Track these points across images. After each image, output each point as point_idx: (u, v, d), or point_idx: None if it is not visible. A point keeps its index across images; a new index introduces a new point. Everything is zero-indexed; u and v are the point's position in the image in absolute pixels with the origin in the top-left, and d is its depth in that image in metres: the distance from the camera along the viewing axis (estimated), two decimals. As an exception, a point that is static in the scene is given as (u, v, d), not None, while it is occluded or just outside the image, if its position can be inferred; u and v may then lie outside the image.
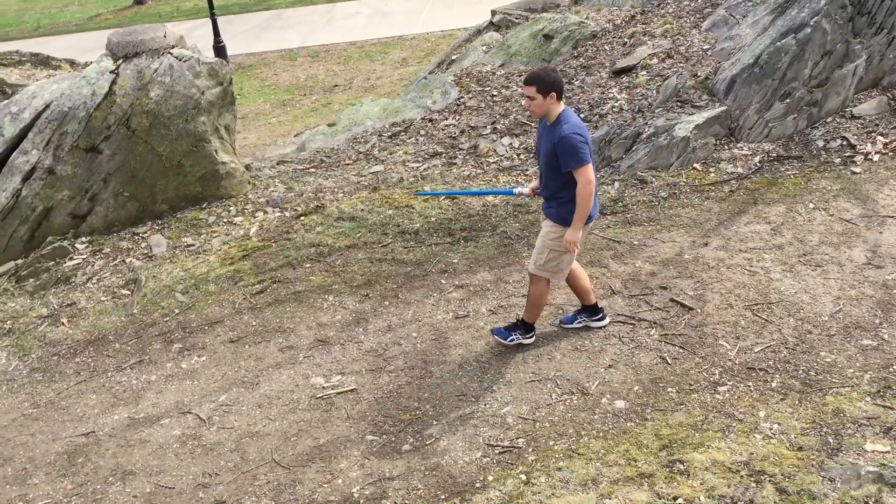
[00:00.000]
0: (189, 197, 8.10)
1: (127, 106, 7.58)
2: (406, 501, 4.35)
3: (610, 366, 5.27)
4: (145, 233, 7.80)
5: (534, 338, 5.58)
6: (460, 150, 8.82)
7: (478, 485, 4.37)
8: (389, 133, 9.53)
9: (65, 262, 7.39)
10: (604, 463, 4.34)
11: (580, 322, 5.68)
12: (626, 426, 4.70)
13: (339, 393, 5.37)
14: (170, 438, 5.15)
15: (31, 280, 7.24)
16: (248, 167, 8.92)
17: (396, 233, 7.36)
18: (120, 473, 4.87)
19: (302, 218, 7.76)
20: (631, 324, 5.69)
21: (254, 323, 6.35)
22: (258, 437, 5.05)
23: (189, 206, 8.13)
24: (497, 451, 4.62)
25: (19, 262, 7.46)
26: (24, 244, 7.53)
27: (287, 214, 7.91)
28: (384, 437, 4.89)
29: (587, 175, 4.84)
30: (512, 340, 5.51)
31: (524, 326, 5.52)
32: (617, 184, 7.69)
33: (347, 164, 8.99)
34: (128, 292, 7.01)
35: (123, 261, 7.43)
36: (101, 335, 6.50)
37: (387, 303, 6.38)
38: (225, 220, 7.96)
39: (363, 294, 6.54)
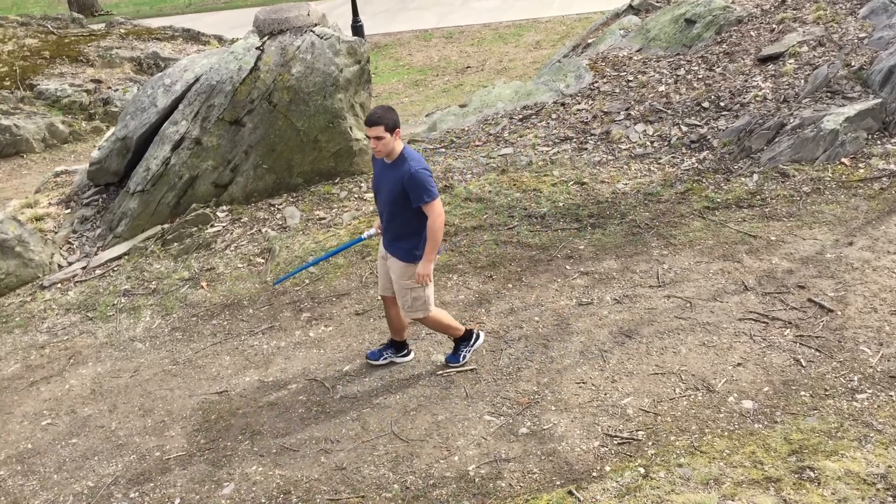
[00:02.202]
0: (323, 171, 8.34)
1: (270, 81, 7.87)
2: (521, 484, 4.35)
3: (739, 364, 5.08)
4: (281, 204, 8.10)
5: (479, 336, 5.51)
6: (592, 135, 8.68)
7: (594, 474, 4.33)
8: (520, 116, 9.48)
9: (206, 229, 7.78)
10: (728, 463, 4.20)
11: (385, 359, 5.58)
12: (753, 427, 4.52)
13: (458, 372, 5.42)
14: (296, 403, 5.35)
15: (176, 244, 7.66)
16: (380, 145, 9.08)
17: (523, 216, 7.33)
18: (249, 433, 5.11)
19: (430, 197, 7.85)
20: (764, 322, 5.46)
21: (378, 298, 6.48)
22: (379, 409, 5.17)
23: (322, 181, 8.38)
24: (616, 442, 4.56)
25: (165, 226, 7.91)
26: (171, 210, 7.97)
27: (416, 193, 8.01)
28: (502, 418, 4.90)
29: (437, 208, 4.83)
30: (464, 357, 5.45)
31: (462, 340, 5.46)
32: (756, 176, 7.38)
33: (477, 146, 9.01)
34: (262, 261, 7.31)
35: (259, 230, 7.75)
36: (237, 300, 6.82)
37: (510, 285, 6.38)
38: (356, 195, 8.15)
39: (487, 275, 6.56)
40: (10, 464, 5.19)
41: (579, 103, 9.35)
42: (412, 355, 5.64)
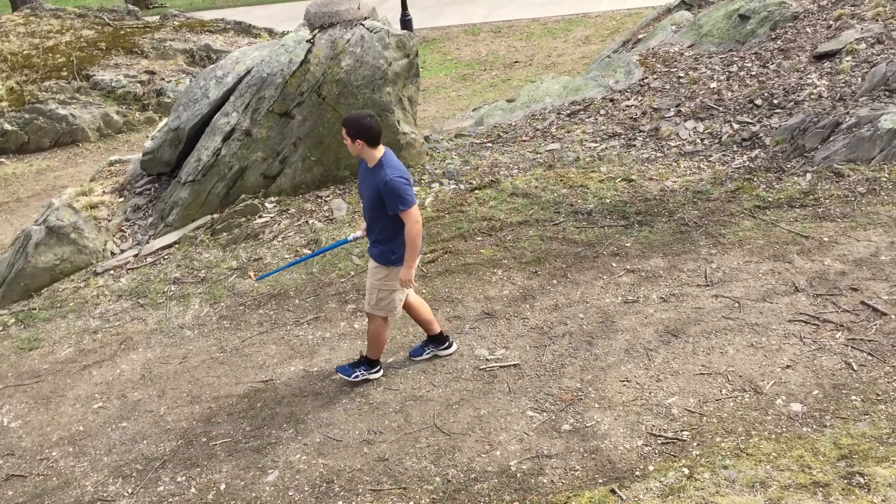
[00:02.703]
0: (370, 164, 8.39)
1: (319, 74, 7.93)
2: (563, 481, 4.34)
3: (788, 366, 4.99)
4: (328, 196, 8.17)
5: (380, 372, 5.49)
6: (640, 131, 8.59)
7: (637, 473, 4.29)
8: (568, 111, 9.43)
9: (254, 220, 7.88)
10: (774, 466, 4.14)
11: (429, 353, 5.62)
12: (801, 431, 4.44)
13: (501, 366, 5.42)
14: (340, 393, 5.40)
15: (225, 234, 7.78)
16: (426, 139, 9.11)
17: (569, 212, 7.29)
18: (293, 421, 5.17)
19: (476, 191, 7.85)
20: (814, 324, 5.36)
21: (423, 291, 6.52)
22: (421, 402, 5.19)
23: (369, 174, 8.42)
24: (660, 442, 4.51)
25: (215, 216, 8.03)
26: (221, 200, 8.09)
27: (462, 187, 8.03)
28: (544, 414, 4.89)
29: (414, 215, 4.87)
30: (357, 377, 5.43)
31: (367, 362, 5.45)
32: (809, 175, 7.23)
33: (524, 141, 8.98)
34: (309, 252, 7.38)
35: (306, 221, 7.83)
36: (283, 290, 6.90)
37: (555, 281, 6.36)
38: (402, 189, 8.17)
39: (532, 271, 6.55)
40: (63, 445, 5.33)
41: (628, 99, 9.26)
42: (455, 347, 5.65)
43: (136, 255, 7.80)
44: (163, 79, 14.83)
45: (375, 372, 5.48)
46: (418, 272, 6.78)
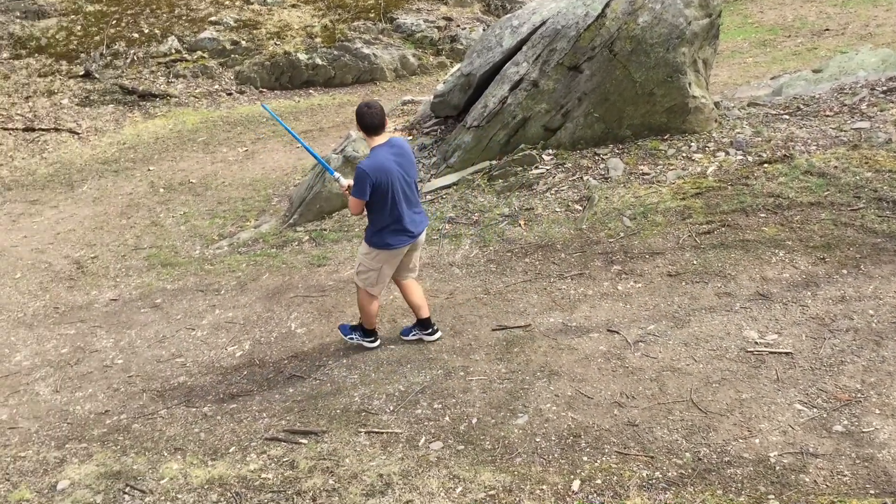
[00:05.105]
0: (653, 126, 8.14)
1: (614, 30, 7.78)
2: (827, 483, 4.02)
3: None
4: (605, 154, 8.07)
5: (377, 343, 5.83)
6: (972, 116, 7.52)
7: (918, 493, 3.87)
8: (884, 87, 8.47)
9: (530, 170, 8.00)
10: None
11: (414, 335, 5.83)
12: None
13: (772, 352, 5.09)
14: (595, 352, 5.38)
15: (500, 181, 7.98)
16: (716, 105, 8.65)
17: (871, 198, 6.60)
18: (547, 371, 5.25)
19: (765, 165, 7.35)
20: None
21: (694, 262, 6.27)
22: (679, 374, 5.04)
23: (651, 135, 8.18)
24: (950, 465, 4.02)
25: (493, 162, 8.26)
26: (501, 147, 8.29)
27: (749, 159, 7.55)
28: (814, 410, 4.54)
29: (354, 205, 5.21)
30: (352, 339, 5.86)
31: (363, 330, 5.81)
32: None
33: (827, 116, 8.23)
34: (580, 208, 7.37)
35: (581, 178, 7.80)
36: (550, 242, 6.97)
37: (844, 271, 5.82)
38: (684, 154, 7.87)
39: (818, 256, 6.04)
40: (338, 356, 5.84)
41: (962, 79, 8.13)
42: (438, 335, 5.79)
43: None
44: (458, 25, 15.38)
45: (371, 342, 5.81)
46: (692, 240, 6.54)
